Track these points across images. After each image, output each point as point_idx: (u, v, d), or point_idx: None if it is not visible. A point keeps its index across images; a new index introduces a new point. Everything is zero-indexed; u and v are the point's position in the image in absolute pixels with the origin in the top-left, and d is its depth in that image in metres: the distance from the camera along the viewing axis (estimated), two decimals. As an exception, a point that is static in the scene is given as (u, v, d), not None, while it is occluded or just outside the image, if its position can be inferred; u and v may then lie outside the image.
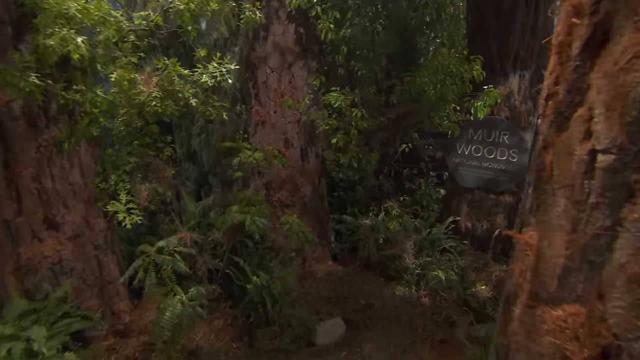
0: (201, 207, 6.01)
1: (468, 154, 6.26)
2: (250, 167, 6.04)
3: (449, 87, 4.68)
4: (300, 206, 6.22)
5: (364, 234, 6.51)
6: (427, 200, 6.44)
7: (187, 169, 7.45)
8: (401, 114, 5.67)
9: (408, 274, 6.08)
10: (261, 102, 5.89)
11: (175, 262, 4.65)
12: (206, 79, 4.44)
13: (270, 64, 5.70)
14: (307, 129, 6.00)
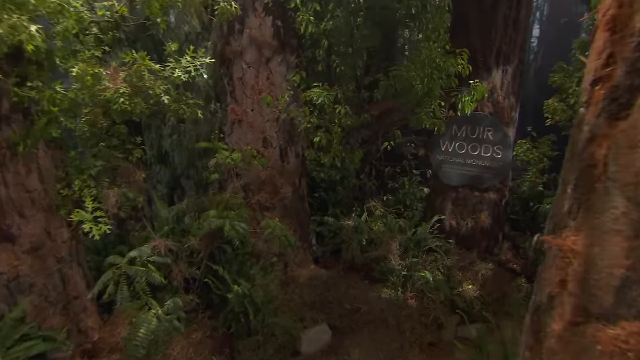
0: (175, 212, 5.64)
1: (452, 151, 6.14)
2: (227, 169, 5.72)
3: (436, 82, 4.51)
4: (280, 208, 5.94)
5: (347, 235, 6.30)
6: (410, 199, 6.28)
7: (158, 172, 7.03)
8: (384, 111, 5.49)
9: (394, 276, 5.90)
10: (237, 100, 5.58)
11: (149, 273, 4.30)
12: (179, 74, 4.10)
13: (247, 59, 5.40)
14: (287, 128, 5.73)
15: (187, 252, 5.09)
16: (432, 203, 6.58)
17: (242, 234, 4.67)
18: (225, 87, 5.66)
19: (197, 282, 5.15)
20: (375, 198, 6.46)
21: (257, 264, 5.37)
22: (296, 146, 5.89)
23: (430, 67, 4.40)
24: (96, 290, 4.27)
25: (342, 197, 6.73)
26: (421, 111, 4.88)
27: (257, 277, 5.16)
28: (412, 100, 4.83)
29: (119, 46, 5.30)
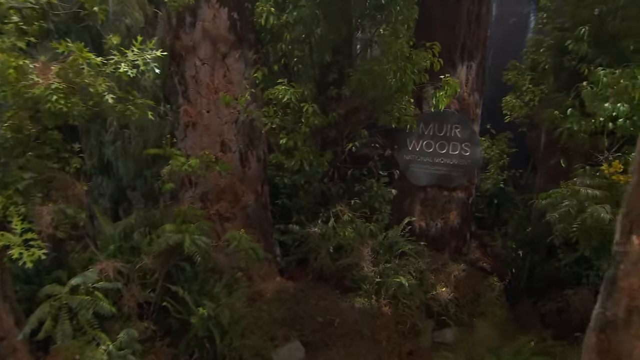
0: (121, 228, 5.00)
1: (419, 150, 5.98)
2: (182, 177, 5.17)
3: (409, 76, 4.28)
4: (242, 218, 5.47)
5: (315, 243, 5.93)
6: (379, 201, 6.03)
7: (100, 184, 6.28)
8: (351, 109, 5.20)
9: (367, 284, 5.60)
10: (191, 100, 5.06)
11: (97, 303, 3.68)
12: (125, 69, 3.54)
13: (200, 55, 4.91)
14: (247, 130, 5.28)
15: (140, 272, 4.49)
16: (400, 205, 6.37)
17: (204, 249, 4.16)
18: (176, 87, 5.12)
19: (152, 306, 4.55)
20: (342, 202, 6.14)
21: (220, 281, 4.85)
22: (257, 150, 5.45)
23: (403, 60, 4.16)
24: (28, 329, 3.58)
25: (306, 203, 6.35)
26: (392, 108, 4.63)
27: (222, 296, 4.65)
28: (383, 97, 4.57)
29: (48, 38, 4.59)
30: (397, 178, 6.10)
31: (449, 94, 4.62)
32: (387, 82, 4.23)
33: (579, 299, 5.59)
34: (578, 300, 5.58)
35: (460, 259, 6.18)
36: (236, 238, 4.41)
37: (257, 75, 4.80)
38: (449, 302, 5.71)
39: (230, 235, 4.45)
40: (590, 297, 5.54)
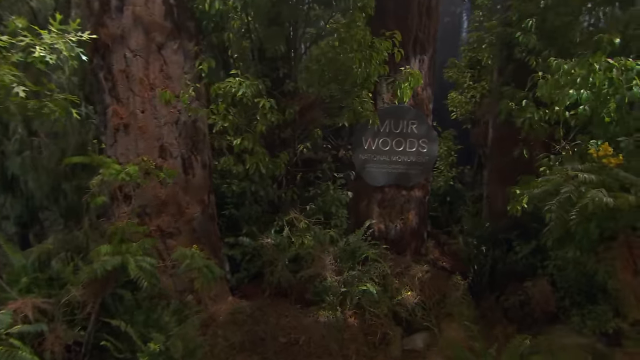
0: (35, 256, 4.21)
1: (375, 149, 5.79)
2: (111, 190, 4.47)
3: (375, 67, 4.05)
4: (187, 233, 4.87)
5: (269, 256, 5.48)
6: (335, 206, 5.74)
7: (2, 205, 5.29)
8: (305, 106, 4.86)
9: (330, 295, 5.26)
10: (121, 99, 4.41)
11: (14, 354, 2.93)
12: (42, 54, 2.89)
13: (131, 45, 4.29)
14: (189, 132, 4.72)
15: (66, 308, 3.75)
16: (356, 208, 6.14)
17: (151, 272, 3.56)
18: (101, 83, 4.42)
19: (84, 347, 3.82)
20: (295, 209, 5.76)
21: (167, 307, 4.23)
22: (202, 154, 4.90)
23: (367, 48, 3.92)
24: None
25: (256, 212, 5.88)
26: (354, 102, 4.37)
27: (172, 325, 4.04)
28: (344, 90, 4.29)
29: None
30: (353, 179, 5.85)
31: (413, 85, 4.48)
32: (353, 72, 3.96)
33: (539, 290, 5.74)
34: (538, 292, 5.72)
35: (422, 260, 6.09)
36: (187, 256, 3.84)
37: (203, 67, 4.27)
38: (416, 306, 5.56)
39: (180, 253, 3.87)
40: (548, 287, 5.72)
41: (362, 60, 3.97)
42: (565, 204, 2.78)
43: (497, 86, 6.35)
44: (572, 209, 2.84)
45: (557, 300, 5.58)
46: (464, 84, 7.76)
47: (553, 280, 5.74)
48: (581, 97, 4.01)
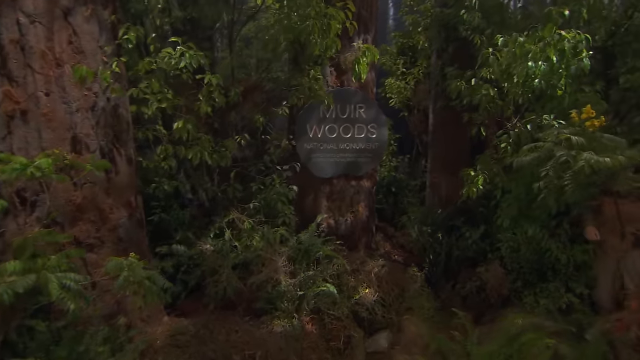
0: None
1: (322, 136, 5.51)
2: (8, 194, 3.65)
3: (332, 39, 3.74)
4: (112, 243, 4.17)
5: (212, 263, 4.93)
6: (282, 202, 5.34)
7: None
8: (249, 87, 4.40)
9: (285, 301, 4.86)
10: (14, 78, 3.61)
11: None
12: None
13: (27, 9, 3.53)
14: (110, 120, 4.03)
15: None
16: (302, 203, 5.80)
17: (78, 292, 2.89)
18: (-15, 59, 3.58)
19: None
20: (236, 208, 5.27)
21: (95, 336, 3.52)
22: (126, 148, 4.22)
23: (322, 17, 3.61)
24: None
25: (191, 215, 5.27)
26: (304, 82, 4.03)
27: (104, 358, 3.36)
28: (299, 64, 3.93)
29: None
30: (297, 172, 5.50)
31: (369, 61, 4.27)
32: (311, 43, 3.62)
33: (492, 275, 5.87)
34: (492, 277, 5.85)
35: (375, 255, 5.93)
36: (123, 267, 3.20)
37: (130, 38, 3.62)
38: (375, 304, 5.37)
39: (114, 265, 3.21)
40: (501, 270, 5.88)
41: (319, 31, 3.65)
42: (560, 168, 2.73)
43: (438, 69, 6.44)
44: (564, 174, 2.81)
45: (510, 282, 5.74)
46: (397, 71, 7.80)
47: (505, 263, 5.92)
48: (538, 69, 4.10)
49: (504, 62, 4.45)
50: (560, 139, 2.84)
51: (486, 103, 4.78)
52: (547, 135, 2.97)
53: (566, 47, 4.05)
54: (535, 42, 4.23)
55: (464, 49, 6.13)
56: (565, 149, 2.74)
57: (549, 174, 2.76)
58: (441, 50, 6.40)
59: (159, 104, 3.68)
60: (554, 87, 4.23)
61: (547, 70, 4.09)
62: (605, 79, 5.30)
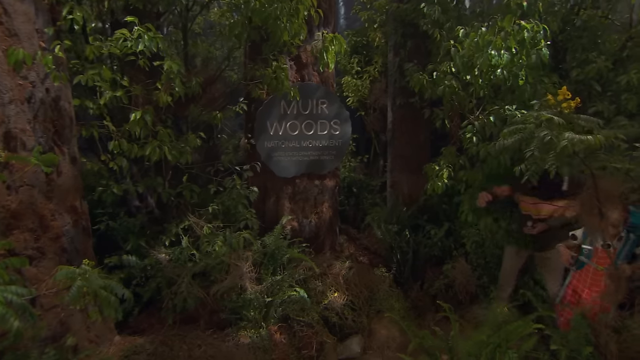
0: None
1: (283, 134, 5.33)
2: None
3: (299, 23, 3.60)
4: (55, 254, 3.75)
5: (170, 272, 4.58)
6: (242, 204, 5.09)
7: None
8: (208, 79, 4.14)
9: (252, 309, 4.61)
10: None
11: None
12: None
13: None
14: (50, 114, 3.64)
15: None
16: (262, 205, 5.59)
17: (23, 307, 2.52)
18: None
19: None
20: (192, 212, 4.95)
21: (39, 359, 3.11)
22: (70, 146, 3.83)
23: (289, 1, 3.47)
24: None
25: (142, 222, 4.89)
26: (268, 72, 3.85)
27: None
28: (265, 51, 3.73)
29: None
30: (258, 172, 5.29)
31: (336, 51, 4.17)
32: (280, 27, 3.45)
33: (459, 272, 5.94)
34: (458, 274, 5.91)
35: (341, 257, 5.81)
36: (75, 276, 2.84)
37: (75, 18, 3.26)
38: (345, 308, 5.24)
39: (64, 274, 2.83)
40: (467, 267, 5.96)
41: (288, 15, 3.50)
42: (545, 148, 2.75)
43: (396, 66, 6.48)
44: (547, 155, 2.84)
45: (477, 279, 5.83)
46: (352, 70, 7.81)
47: (470, 259, 6.01)
48: (502, 59, 4.20)
49: (467, 53, 4.52)
50: (541, 120, 2.87)
51: (450, 95, 4.83)
52: (527, 117, 3.00)
53: (526, 37, 4.19)
54: (495, 33, 4.33)
55: (423, 45, 6.23)
56: (547, 130, 2.77)
57: (535, 154, 2.77)
58: (398, 47, 6.46)
59: (112, 93, 3.34)
60: (516, 76, 4.35)
61: (509, 60, 4.20)
62: (558, 72, 5.55)
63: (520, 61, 4.39)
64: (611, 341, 3.41)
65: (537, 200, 4.19)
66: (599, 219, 3.05)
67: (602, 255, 3.63)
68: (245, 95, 5.40)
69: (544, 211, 4.21)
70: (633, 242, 3.46)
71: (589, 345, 3.24)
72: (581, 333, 3.32)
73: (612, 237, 3.47)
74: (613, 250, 3.49)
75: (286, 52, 4.43)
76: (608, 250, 3.54)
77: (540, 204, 4.19)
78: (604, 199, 3.04)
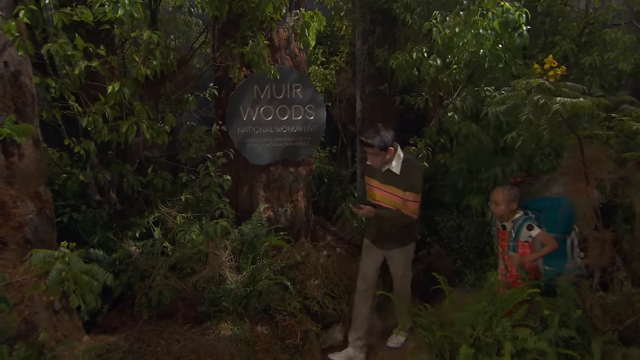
0: None
1: (257, 120, 5.22)
2: None
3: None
4: (17, 245, 3.44)
5: (144, 265, 4.35)
6: (216, 193, 4.92)
7: None
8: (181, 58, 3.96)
9: (232, 301, 4.45)
10: None
11: None
12: None
13: None
14: (10, 91, 3.35)
15: None
16: (235, 195, 5.44)
17: None
18: None
19: None
20: (165, 202, 4.74)
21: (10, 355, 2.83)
22: (32, 124, 3.54)
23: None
24: None
25: (109, 213, 4.62)
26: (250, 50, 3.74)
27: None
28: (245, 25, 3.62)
29: None
30: (231, 159, 5.14)
31: (317, 28, 4.13)
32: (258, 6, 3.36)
33: (435, 257, 6.05)
34: (435, 259, 6.03)
35: (318, 246, 5.76)
36: (51, 260, 2.61)
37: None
38: (325, 297, 5.18)
39: (42, 257, 2.59)
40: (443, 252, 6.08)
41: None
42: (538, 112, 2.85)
43: (364, 53, 6.53)
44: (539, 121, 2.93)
45: (452, 263, 5.96)
46: (317, 61, 7.81)
47: (445, 244, 6.13)
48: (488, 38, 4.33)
49: (449, 34, 4.62)
50: (531, 86, 2.96)
51: (434, 74, 4.91)
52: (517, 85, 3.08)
53: (509, 19, 4.34)
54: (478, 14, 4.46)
55: (391, 31, 6.32)
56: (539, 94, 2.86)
57: (529, 118, 2.85)
58: (367, 34, 6.51)
59: (87, 63, 3.12)
60: (497, 57, 4.50)
61: (493, 39, 4.34)
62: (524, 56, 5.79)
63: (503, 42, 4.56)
64: (596, 305, 3.56)
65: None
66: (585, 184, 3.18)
67: (503, 237, 3.89)
68: (215, 80, 5.25)
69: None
70: (522, 224, 3.74)
71: (578, 309, 3.36)
72: (569, 298, 3.45)
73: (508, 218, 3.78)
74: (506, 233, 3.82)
75: (266, 27, 4.33)
76: (504, 232, 3.83)
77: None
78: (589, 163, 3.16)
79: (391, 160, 4.07)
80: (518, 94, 2.96)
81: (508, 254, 3.84)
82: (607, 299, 3.65)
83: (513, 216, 3.75)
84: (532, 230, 3.70)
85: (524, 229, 3.73)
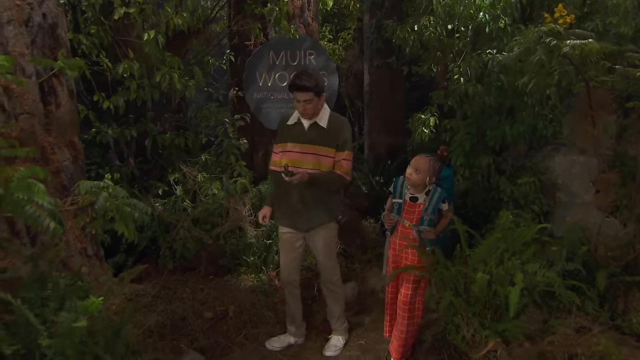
0: None
1: (272, 85, 5.42)
2: None
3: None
4: (55, 189, 3.66)
5: (168, 219, 4.56)
6: (234, 154, 5.14)
7: None
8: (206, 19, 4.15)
9: (251, 254, 4.68)
10: None
11: None
12: None
13: None
14: (48, 41, 3.57)
15: None
16: (250, 160, 5.66)
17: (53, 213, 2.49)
18: None
19: None
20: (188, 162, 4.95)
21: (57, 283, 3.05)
22: (67, 77, 3.74)
23: None
24: None
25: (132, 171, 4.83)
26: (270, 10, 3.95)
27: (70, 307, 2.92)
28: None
29: None
30: (248, 123, 5.36)
31: None
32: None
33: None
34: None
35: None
36: (97, 190, 2.81)
37: None
38: (338, 256, 5.41)
39: (89, 186, 2.79)
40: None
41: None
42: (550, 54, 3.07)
43: (373, 27, 6.74)
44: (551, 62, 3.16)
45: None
46: (324, 39, 8.02)
47: (453, 208, 6.36)
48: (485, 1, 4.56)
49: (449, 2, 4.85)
50: (542, 32, 3.19)
51: (434, 41, 5.13)
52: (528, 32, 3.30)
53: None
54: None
55: (398, 5, 6.54)
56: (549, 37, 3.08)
57: (541, 58, 3.06)
58: (375, 8, 6.73)
59: (125, 9, 3.32)
60: (497, 18, 4.73)
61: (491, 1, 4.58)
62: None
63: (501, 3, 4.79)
64: (599, 245, 3.82)
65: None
66: (592, 127, 3.40)
67: (411, 210, 3.44)
68: (230, 47, 5.46)
69: None
70: (439, 197, 3.39)
71: (584, 245, 3.61)
72: (575, 237, 3.70)
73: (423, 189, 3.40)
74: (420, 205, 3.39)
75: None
76: (413, 204, 3.41)
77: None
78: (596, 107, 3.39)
79: (318, 112, 3.39)
80: (530, 39, 3.18)
81: (421, 228, 3.41)
82: (608, 238, 3.90)
83: (426, 189, 3.40)
84: (444, 204, 3.45)
85: (440, 203, 3.42)
